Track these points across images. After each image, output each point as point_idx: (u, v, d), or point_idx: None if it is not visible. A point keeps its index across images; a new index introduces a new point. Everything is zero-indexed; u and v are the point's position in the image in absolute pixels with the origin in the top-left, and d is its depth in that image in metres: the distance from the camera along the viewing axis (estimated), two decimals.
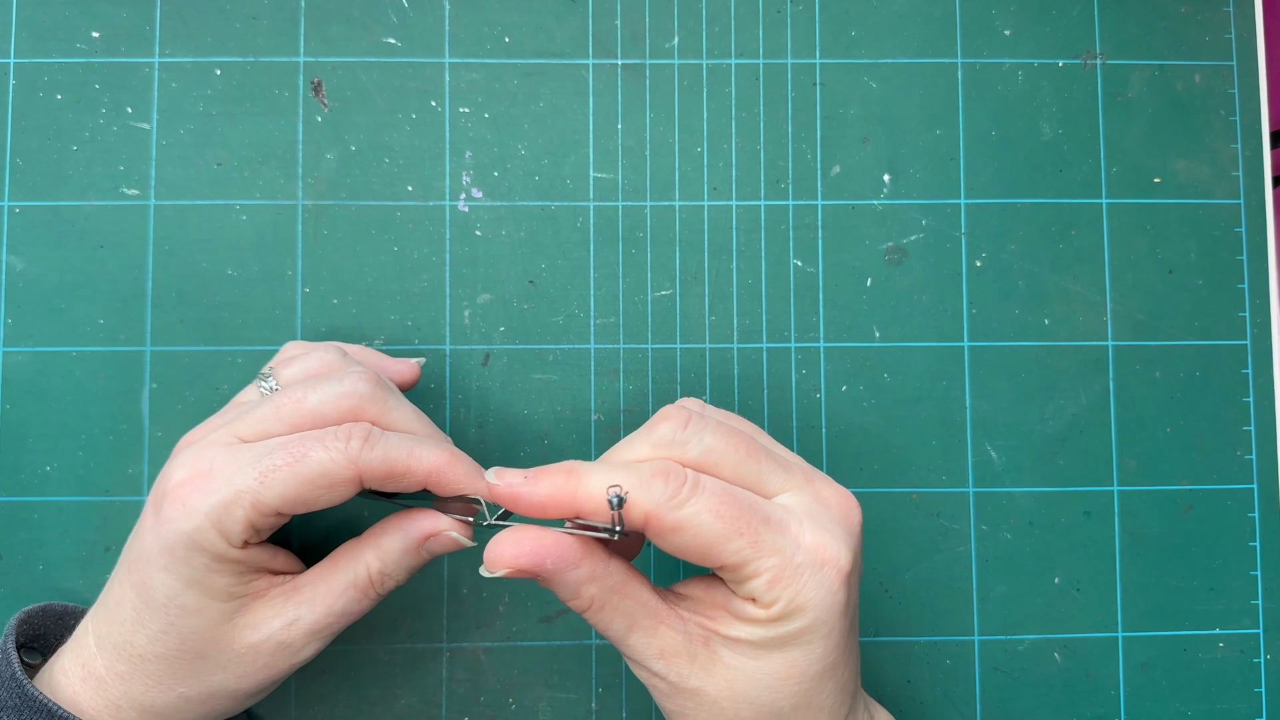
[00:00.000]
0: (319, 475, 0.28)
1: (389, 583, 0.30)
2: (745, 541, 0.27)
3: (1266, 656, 0.39)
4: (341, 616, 0.30)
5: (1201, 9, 0.41)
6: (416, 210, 0.39)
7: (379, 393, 0.30)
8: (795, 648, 0.27)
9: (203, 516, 0.27)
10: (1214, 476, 0.39)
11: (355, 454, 0.28)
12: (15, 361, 0.38)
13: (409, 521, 0.30)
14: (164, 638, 0.28)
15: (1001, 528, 0.39)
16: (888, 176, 0.40)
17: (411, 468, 0.28)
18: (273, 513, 0.28)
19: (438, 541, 0.30)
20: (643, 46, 0.40)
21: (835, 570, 0.27)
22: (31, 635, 0.32)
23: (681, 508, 0.26)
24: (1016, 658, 0.39)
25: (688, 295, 0.39)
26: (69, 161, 0.38)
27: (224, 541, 0.28)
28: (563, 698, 0.38)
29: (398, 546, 0.30)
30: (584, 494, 0.27)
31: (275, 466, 0.27)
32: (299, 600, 0.30)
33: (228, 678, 0.29)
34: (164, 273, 0.38)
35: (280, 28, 0.39)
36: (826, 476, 0.30)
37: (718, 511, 0.26)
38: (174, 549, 0.28)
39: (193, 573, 0.28)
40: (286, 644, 0.29)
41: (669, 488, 0.27)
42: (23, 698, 0.28)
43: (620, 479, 0.27)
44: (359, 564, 0.30)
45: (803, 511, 0.28)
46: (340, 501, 0.29)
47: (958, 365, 0.39)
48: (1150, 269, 0.40)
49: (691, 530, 0.27)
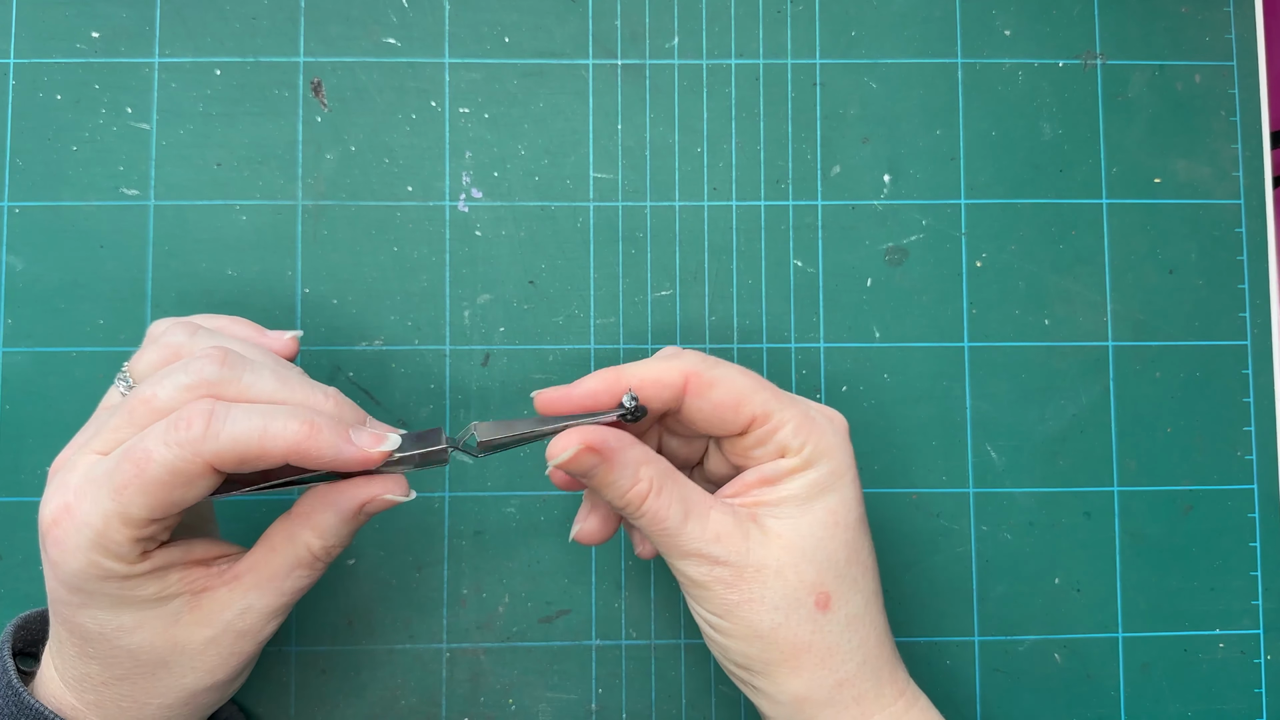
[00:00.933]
0: (169, 476, 0.25)
1: (334, 552, 0.29)
2: (770, 394, 0.30)
3: (1267, 657, 0.39)
4: (294, 594, 0.29)
5: (1202, 9, 0.41)
6: (416, 210, 0.39)
7: (229, 373, 0.27)
8: (831, 493, 0.30)
9: (86, 552, 0.26)
10: (1214, 477, 0.39)
11: (199, 445, 0.25)
12: (15, 361, 0.38)
13: (339, 493, 0.28)
14: (114, 663, 0.28)
15: (1002, 528, 0.39)
16: (888, 177, 0.40)
17: (266, 447, 0.26)
18: (146, 523, 0.26)
19: (374, 505, 0.29)
20: (643, 46, 0.40)
21: (842, 424, 0.31)
22: (28, 640, 0.32)
23: (715, 368, 0.30)
24: (1017, 658, 0.39)
25: (688, 295, 0.39)
26: (69, 161, 0.38)
27: (120, 564, 0.26)
28: (563, 698, 0.38)
29: (333, 520, 0.28)
30: (628, 375, 0.30)
31: (125, 481, 0.25)
32: (244, 587, 0.28)
33: (199, 675, 0.29)
34: (164, 273, 0.38)
35: (280, 28, 0.39)
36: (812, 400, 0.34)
37: (743, 372, 0.30)
38: (80, 588, 0.26)
39: (110, 599, 0.27)
40: (245, 631, 0.29)
41: (703, 359, 0.30)
42: (19, 706, 0.28)
43: (656, 360, 0.30)
44: (299, 544, 0.28)
45: (804, 407, 0.31)
46: (210, 490, 0.27)
47: (958, 365, 0.39)
48: (1151, 269, 0.40)
49: (725, 384, 0.30)
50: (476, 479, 0.38)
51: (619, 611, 0.38)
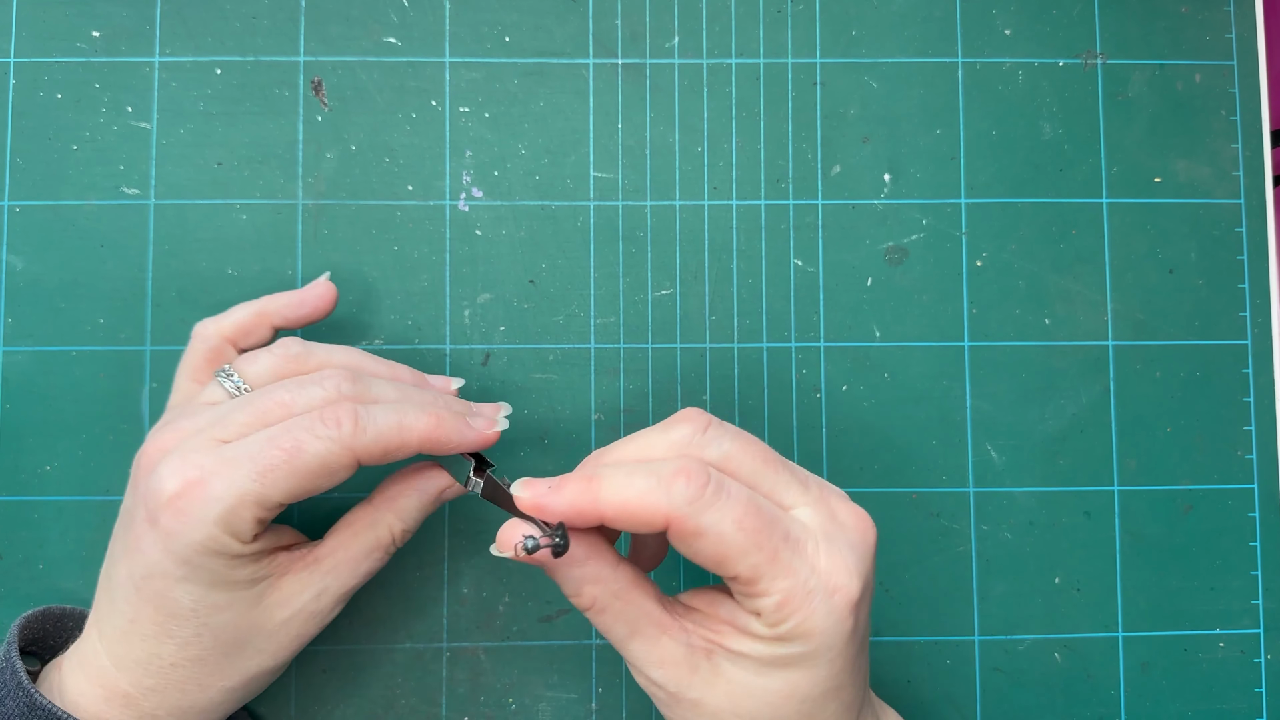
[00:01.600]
0: (319, 467, 0.28)
1: (408, 537, 0.32)
2: (763, 557, 0.26)
3: (1267, 656, 0.39)
4: (365, 577, 0.31)
5: (1202, 8, 0.41)
6: (416, 210, 0.39)
7: (361, 388, 0.30)
8: (799, 669, 0.27)
9: (212, 525, 0.27)
10: (1214, 476, 0.39)
11: (349, 440, 0.28)
12: (15, 361, 0.38)
13: (422, 480, 0.32)
14: (197, 640, 0.29)
15: (1002, 527, 0.39)
16: (888, 176, 0.40)
17: (405, 440, 0.29)
18: (277, 507, 0.28)
19: (452, 491, 0.32)
20: (643, 46, 0.40)
21: (845, 598, 0.26)
22: (30, 639, 0.32)
23: (704, 512, 0.25)
24: (1017, 658, 0.39)
25: (688, 295, 0.39)
26: (69, 161, 0.38)
27: (238, 543, 0.28)
28: (563, 698, 0.38)
29: (415, 505, 0.31)
30: (603, 501, 0.26)
31: (273, 465, 0.27)
32: (323, 570, 0.31)
33: (264, 659, 0.30)
34: (164, 272, 0.38)
35: (280, 27, 0.39)
36: (841, 492, 0.29)
37: (740, 521, 0.25)
38: (189, 560, 0.28)
39: (214, 575, 0.28)
40: (316, 613, 0.31)
41: (691, 488, 0.25)
42: (31, 707, 0.28)
43: (639, 479, 0.26)
44: (381, 528, 0.31)
45: (819, 530, 0.27)
46: (341, 482, 0.29)
47: (958, 365, 0.39)
48: (1151, 269, 0.40)
49: (713, 537, 0.26)
50: None
51: None
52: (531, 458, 0.38)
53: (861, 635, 0.28)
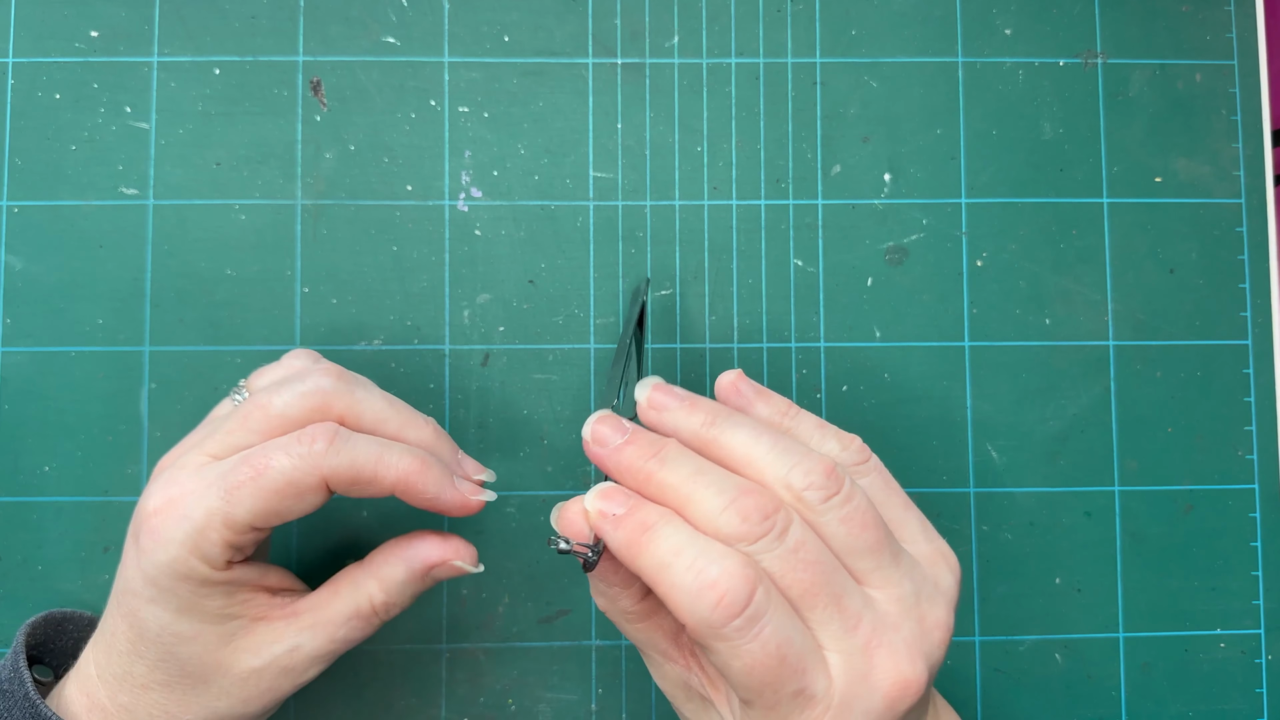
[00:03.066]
0: (285, 485, 0.26)
1: (393, 611, 0.30)
2: (762, 703, 0.24)
3: (1268, 657, 0.39)
4: (345, 644, 0.29)
5: (1202, 8, 0.40)
6: (416, 210, 0.39)
7: (344, 386, 0.29)
8: None
9: (178, 545, 0.26)
10: (1215, 476, 0.39)
11: (319, 459, 0.27)
12: (14, 361, 0.38)
13: (412, 549, 0.29)
14: (163, 665, 0.28)
15: (1002, 528, 0.39)
16: (888, 176, 0.40)
17: (379, 474, 0.27)
18: (246, 529, 0.27)
19: (443, 570, 0.29)
20: (643, 46, 0.40)
21: None
22: (33, 644, 0.32)
23: (720, 640, 0.24)
24: (1017, 658, 0.39)
25: (688, 295, 0.39)
26: (68, 161, 0.38)
27: (206, 566, 0.27)
28: (563, 698, 0.38)
29: (400, 576, 0.29)
30: (640, 566, 0.25)
31: (239, 482, 0.26)
32: (300, 626, 0.29)
33: (232, 703, 0.28)
34: (163, 272, 0.38)
35: (279, 27, 0.39)
36: (913, 630, 0.26)
37: (753, 668, 0.24)
38: (157, 580, 0.27)
39: (180, 601, 0.27)
40: (289, 669, 0.29)
41: (719, 614, 0.23)
42: (35, 717, 0.28)
43: (680, 565, 0.24)
44: (361, 594, 0.29)
45: (840, 691, 0.25)
46: (316, 507, 0.28)
47: (958, 365, 0.39)
48: (1151, 268, 0.40)
49: (718, 662, 0.24)
50: None
51: None
52: (531, 458, 0.38)
53: None
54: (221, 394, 0.38)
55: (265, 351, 0.38)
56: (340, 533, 0.38)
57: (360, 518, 0.38)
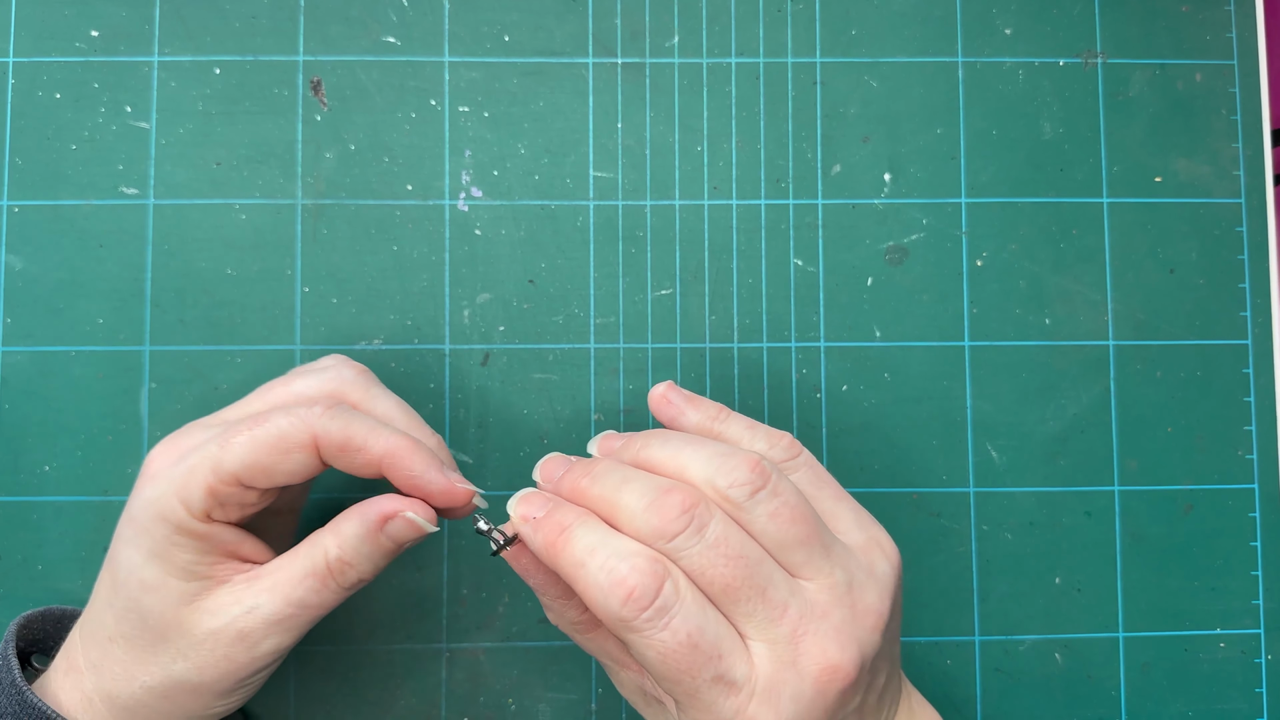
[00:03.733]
0: (276, 438, 0.27)
1: (350, 572, 0.29)
2: (682, 690, 0.25)
3: (1268, 657, 0.39)
4: (301, 607, 0.28)
5: (1202, 8, 0.40)
6: (416, 210, 0.39)
7: (363, 381, 0.31)
8: None
9: (166, 483, 0.28)
10: (1215, 476, 0.39)
11: (313, 419, 0.28)
12: (14, 361, 0.38)
13: (368, 504, 0.29)
14: (128, 616, 0.28)
15: (1002, 528, 0.39)
16: (888, 176, 0.40)
17: (369, 443, 0.28)
18: (232, 479, 0.27)
19: (397, 526, 0.29)
20: (643, 45, 0.40)
21: None
22: (31, 640, 0.32)
23: (632, 632, 0.25)
24: (1017, 658, 0.39)
25: (688, 295, 0.39)
26: (68, 161, 0.38)
27: (184, 510, 0.27)
28: (563, 698, 0.38)
29: (356, 530, 0.29)
30: (559, 566, 0.26)
31: (236, 433, 0.28)
32: (260, 588, 0.29)
33: (188, 667, 0.28)
34: (163, 272, 0.38)
35: (279, 27, 0.39)
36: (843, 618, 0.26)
37: (666, 656, 0.25)
38: (138, 519, 0.28)
39: (154, 544, 0.28)
40: (246, 633, 0.28)
41: (628, 609, 0.25)
42: (21, 704, 0.28)
43: (595, 564, 0.25)
44: (318, 551, 0.29)
45: (764, 678, 0.26)
46: (304, 472, 0.28)
47: (958, 365, 0.39)
48: (1151, 268, 0.40)
49: (635, 654, 0.26)
50: (477, 479, 0.38)
51: None
52: (531, 458, 0.38)
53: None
54: (222, 394, 0.38)
55: (265, 351, 0.38)
56: None
57: None
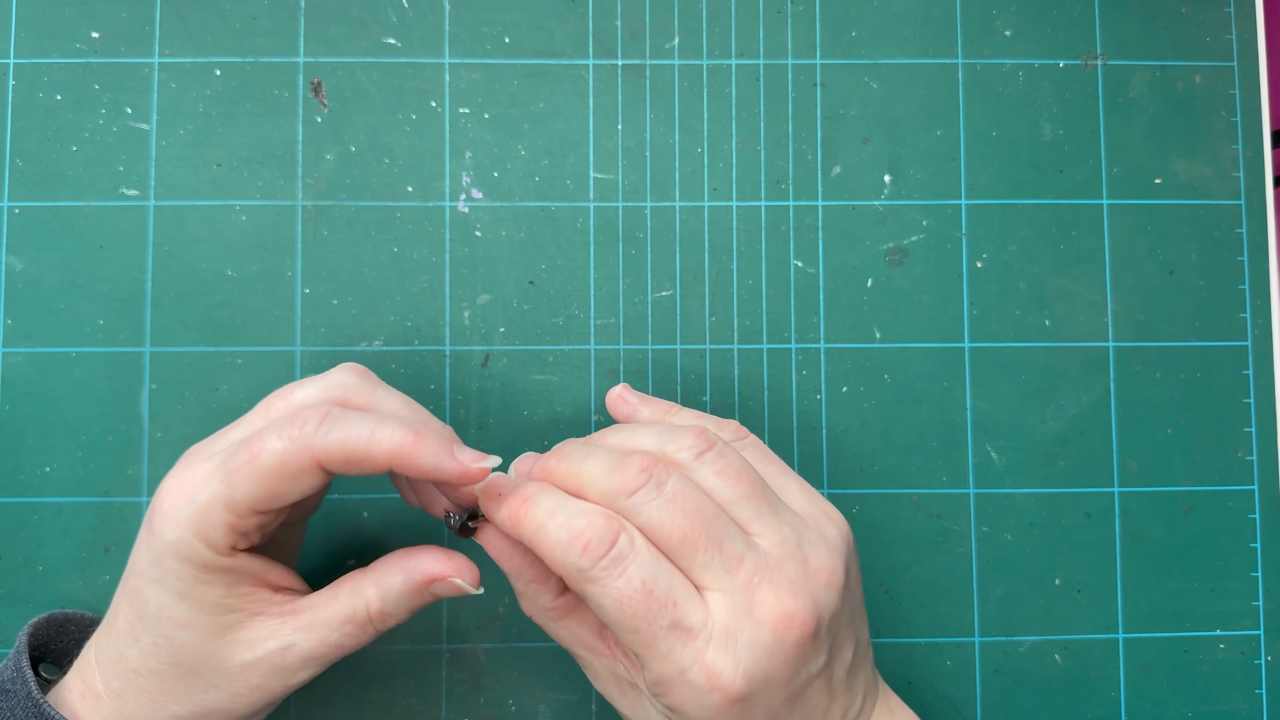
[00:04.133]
0: (277, 467, 0.27)
1: (389, 621, 0.29)
2: (639, 640, 0.26)
3: (1267, 658, 0.39)
4: (337, 649, 0.29)
5: (1202, 9, 0.41)
6: (416, 211, 0.39)
7: (366, 384, 0.30)
8: None
9: (183, 526, 0.27)
10: (1215, 477, 0.39)
11: (309, 439, 0.27)
12: (15, 362, 0.38)
13: (415, 561, 0.29)
14: (156, 651, 0.28)
15: (1002, 529, 0.39)
16: (888, 177, 0.40)
17: (371, 451, 0.27)
18: (249, 512, 0.27)
19: (443, 587, 0.29)
20: (643, 47, 0.40)
21: (722, 696, 0.26)
22: (35, 646, 0.32)
23: (590, 584, 0.26)
24: (1017, 659, 0.39)
25: (688, 296, 0.39)
26: (68, 162, 0.38)
27: (209, 550, 0.27)
28: (563, 699, 0.38)
29: (400, 587, 0.29)
30: (521, 532, 0.28)
31: (237, 466, 0.27)
32: (296, 625, 0.29)
33: (221, 697, 0.28)
34: (163, 273, 0.38)
35: (280, 28, 0.39)
36: (795, 571, 0.27)
37: (622, 603, 0.26)
38: (162, 560, 0.27)
39: (182, 584, 0.27)
40: (281, 667, 0.29)
41: (585, 559, 0.26)
42: (39, 718, 0.28)
43: (554, 525, 0.27)
44: (359, 599, 0.29)
45: (721, 624, 0.26)
46: (315, 489, 0.28)
47: (958, 366, 0.39)
48: (1151, 270, 0.40)
49: (594, 605, 0.27)
50: None
51: None
52: None
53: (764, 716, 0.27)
54: (222, 395, 0.38)
55: (266, 352, 0.38)
56: (341, 534, 0.38)
57: (361, 518, 0.38)
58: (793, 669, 0.27)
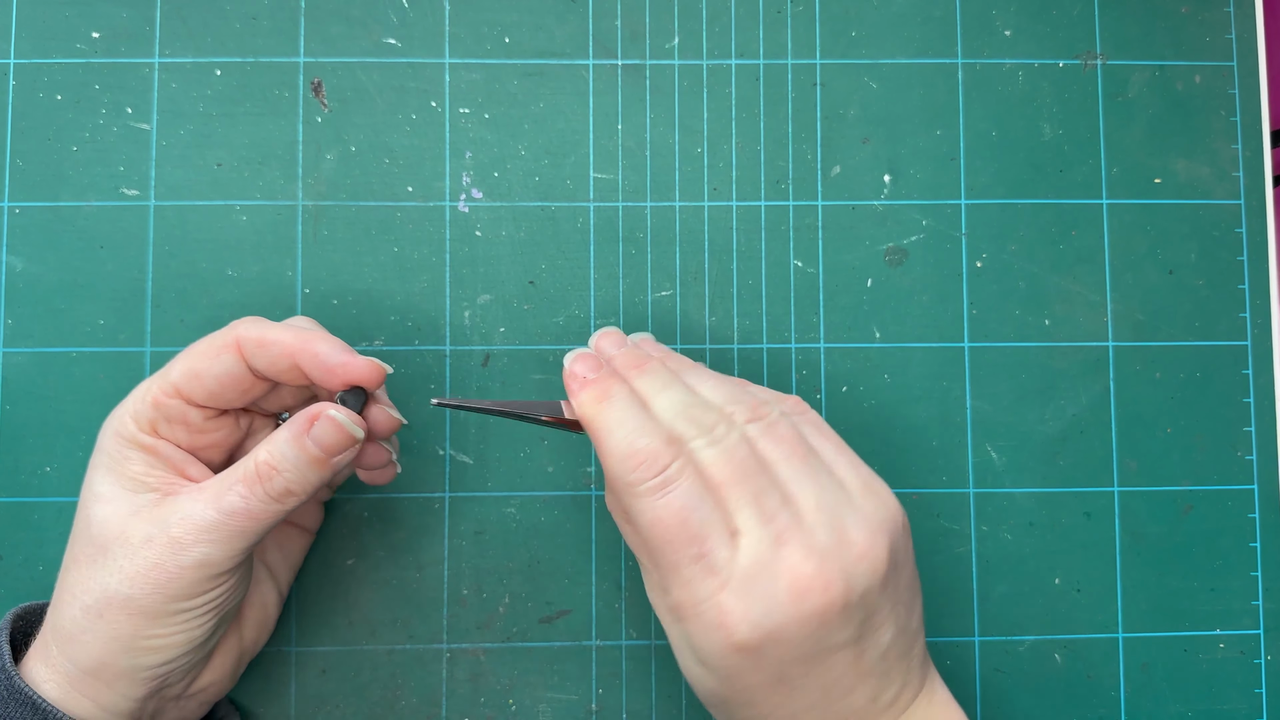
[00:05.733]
0: (205, 346, 0.30)
1: (277, 478, 0.29)
2: (665, 563, 0.27)
3: (1267, 657, 0.39)
4: (229, 514, 0.29)
5: (1202, 9, 0.41)
6: (416, 211, 0.39)
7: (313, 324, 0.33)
8: (704, 667, 0.28)
9: (121, 407, 0.31)
10: (1214, 477, 0.39)
11: (235, 327, 0.31)
12: (15, 362, 0.38)
13: (299, 412, 0.30)
14: (80, 535, 0.30)
15: (1002, 528, 0.39)
16: (888, 177, 0.40)
17: (280, 336, 0.30)
18: (172, 389, 0.30)
19: (322, 427, 0.30)
20: (643, 47, 0.40)
21: (726, 638, 0.27)
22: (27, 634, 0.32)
23: (632, 497, 0.28)
24: (1017, 658, 0.39)
25: (688, 296, 0.39)
26: (69, 162, 0.38)
27: (134, 423, 0.30)
28: (563, 698, 0.38)
29: (284, 434, 0.30)
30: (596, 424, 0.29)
31: (177, 355, 0.31)
32: (194, 496, 0.30)
33: (120, 579, 0.29)
34: (164, 273, 0.38)
35: (280, 28, 0.39)
36: (830, 539, 0.27)
37: (655, 524, 0.27)
38: (100, 442, 0.31)
39: (109, 459, 0.30)
40: (175, 540, 0.29)
41: (638, 474, 0.28)
42: (10, 689, 0.29)
43: (625, 433, 0.28)
44: (249, 459, 0.30)
45: (744, 570, 0.27)
46: (232, 376, 0.30)
47: (958, 366, 0.39)
48: (1151, 269, 0.40)
49: (631, 518, 0.28)
50: (477, 479, 0.38)
51: (619, 611, 0.38)
52: (531, 459, 0.38)
53: (775, 673, 0.27)
54: None
55: None
56: (341, 535, 0.38)
57: (361, 519, 0.38)
58: (807, 634, 0.27)
